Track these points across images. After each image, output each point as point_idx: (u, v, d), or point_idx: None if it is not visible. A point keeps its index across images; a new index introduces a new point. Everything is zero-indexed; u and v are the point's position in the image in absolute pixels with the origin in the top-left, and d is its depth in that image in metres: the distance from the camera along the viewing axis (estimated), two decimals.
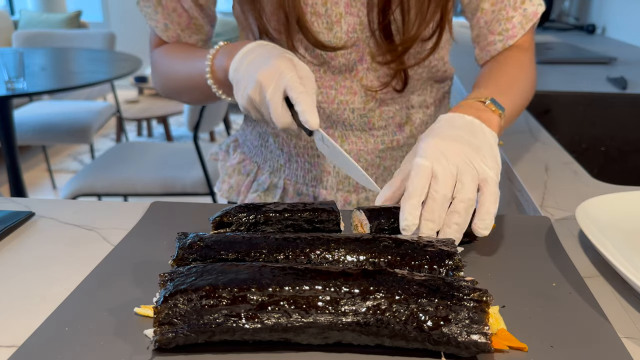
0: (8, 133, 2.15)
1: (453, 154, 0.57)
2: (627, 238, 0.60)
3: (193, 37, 0.80)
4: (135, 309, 0.47)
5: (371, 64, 0.77)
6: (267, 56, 0.62)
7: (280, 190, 0.85)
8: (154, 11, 0.77)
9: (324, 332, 0.41)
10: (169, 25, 0.78)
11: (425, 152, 0.57)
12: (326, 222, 0.58)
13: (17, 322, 0.47)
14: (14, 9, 5.83)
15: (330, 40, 0.73)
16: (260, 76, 0.60)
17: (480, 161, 0.58)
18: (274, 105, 0.60)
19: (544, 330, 0.46)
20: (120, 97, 3.79)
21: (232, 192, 0.90)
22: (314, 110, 0.59)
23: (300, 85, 0.60)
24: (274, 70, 0.60)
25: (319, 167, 0.83)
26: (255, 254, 0.50)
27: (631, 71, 1.62)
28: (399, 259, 0.49)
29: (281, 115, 0.60)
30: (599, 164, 1.32)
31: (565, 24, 2.70)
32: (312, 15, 0.72)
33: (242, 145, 0.92)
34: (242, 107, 0.64)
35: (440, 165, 0.56)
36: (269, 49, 0.64)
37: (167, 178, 2.14)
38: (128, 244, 0.60)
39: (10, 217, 0.65)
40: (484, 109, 0.66)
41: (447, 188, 0.55)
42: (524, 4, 0.78)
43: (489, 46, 0.81)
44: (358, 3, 0.72)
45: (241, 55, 0.64)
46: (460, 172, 0.56)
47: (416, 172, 0.56)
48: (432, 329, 0.41)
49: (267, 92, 0.60)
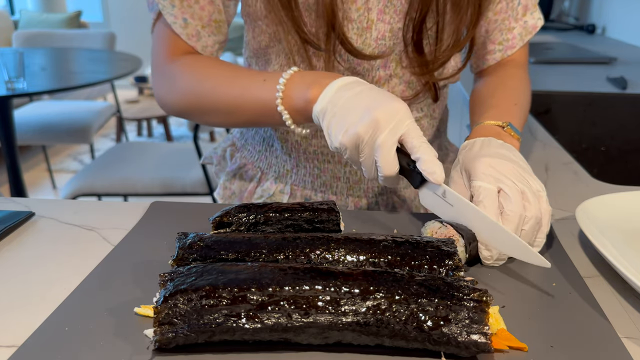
0: (8, 133, 2.15)
1: (510, 172, 0.57)
2: (627, 238, 0.60)
3: (212, 38, 0.73)
4: (135, 308, 0.47)
5: (398, 73, 0.76)
6: (380, 95, 0.58)
7: (287, 195, 0.84)
8: (170, 4, 0.69)
9: (324, 332, 0.41)
10: (189, 20, 0.70)
11: (485, 173, 0.57)
12: (326, 222, 0.58)
13: (17, 322, 0.47)
14: (14, 9, 5.83)
15: (360, 46, 0.72)
16: (378, 114, 0.55)
17: (533, 178, 0.59)
18: (387, 149, 0.56)
19: (544, 330, 0.46)
20: (120, 97, 3.79)
21: (234, 198, 0.88)
22: (438, 162, 0.55)
23: (421, 134, 0.57)
24: (394, 112, 0.56)
25: (328, 172, 0.81)
26: (255, 254, 0.50)
27: (631, 71, 1.62)
28: (399, 259, 0.49)
29: (392, 161, 0.56)
30: (599, 164, 1.32)
31: (565, 24, 2.70)
32: (344, 20, 0.70)
33: (242, 150, 0.90)
34: (339, 143, 0.58)
35: (506, 186, 0.56)
36: (375, 88, 0.60)
37: (167, 178, 2.14)
38: (128, 243, 0.60)
39: (10, 217, 0.65)
40: (505, 134, 0.67)
41: (520, 207, 0.55)
42: (525, 16, 0.79)
43: (488, 55, 0.82)
44: (391, 10, 0.71)
45: (337, 87, 0.59)
46: (524, 190, 0.57)
47: (485, 196, 0.56)
48: (432, 329, 0.41)
49: (382, 134, 0.55)
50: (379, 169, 0.57)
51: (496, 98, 0.76)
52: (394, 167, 0.57)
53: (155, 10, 0.72)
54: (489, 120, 0.69)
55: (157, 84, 0.74)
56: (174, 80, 0.72)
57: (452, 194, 0.56)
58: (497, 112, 0.72)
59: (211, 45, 0.74)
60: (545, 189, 0.59)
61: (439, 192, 0.57)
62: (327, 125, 0.59)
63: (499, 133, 0.67)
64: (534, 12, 0.80)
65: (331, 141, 0.59)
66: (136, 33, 5.62)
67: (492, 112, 0.72)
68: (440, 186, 0.57)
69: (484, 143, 0.63)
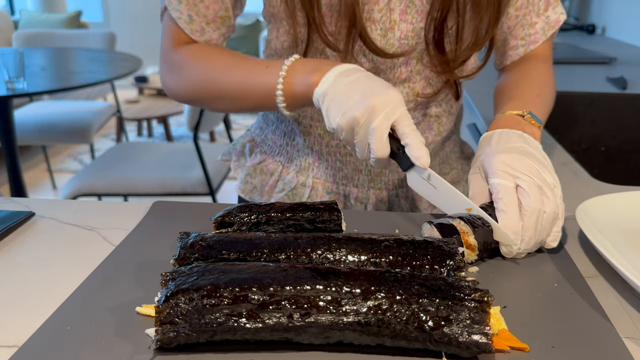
0: (8, 133, 2.15)
1: (526, 168, 0.59)
2: (627, 238, 0.60)
3: (216, 32, 0.75)
4: (137, 308, 0.47)
5: (419, 70, 0.78)
6: (377, 83, 0.61)
7: (309, 189, 0.85)
8: (177, 1, 0.72)
9: (325, 332, 0.41)
10: (194, 17, 0.73)
11: (501, 170, 0.59)
12: (328, 222, 0.58)
13: (17, 322, 0.47)
14: (14, 9, 5.83)
15: (383, 46, 0.73)
16: (374, 101, 0.59)
17: (549, 173, 0.60)
18: (379, 133, 0.59)
19: (545, 330, 0.46)
20: (120, 97, 3.79)
21: (256, 192, 0.89)
22: (425, 148, 0.59)
23: (412, 122, 0.60)
24: (389, 100, 0.59)
25: (350, 165, 0.83)
26: (257, 253, 0.50)
27: (631, 71, 1.62)
28: (400, 259, 0.49)
29: (384, 145, 0.60)
30: (599, 164, 1.32)
31: (565, 23, 2.70)
32: (367, 21, 0.72)
33: (262, 145, 0.91)
34: (337, 124, 0.62)
35: (524, 182, 0.58)
36: (372, 76, 0.63)
37: (167, 178, 2.14)
38: (130, 243, 0.60)
39: (10, 217, 0.65)
40: (525, 122, 0.68)
41: (539, 202, 0.56)
42: (547, 11, 0.80)
43: (511, 51, 0.83)
44: (413, 10, 0.72)
45: (338, 73, 0.63)
46: (540, 185, 0.58)
47: (504, 193, 0.57)
48: (433, 329, 0.41)
49: (376, 119, 0.59)
50: (371, 151, 0.61)
51: (519, 90, 0.77)
52: (385, 150, 0.60)
53: (165, 2, 0.75)
54: (510, 110, 0.71)
55: (165, 73, 0.77)
56: (180, 69, 0.75)
57: (436, 178, 0.61)
58: (519, 102, 0.73)
59: (216, 39, 0.76)
60: None
61: (424, 176, 0.61)
62: (326, 107, 0.63)
63: (518, 122, 0.68)
64: (556, 7, 0.81)
65: (329, 122, 0.63)
66: (136, 33, 5.62)
67: (514, 102, 0.73)
68: (426, 170, 0.61)
69: (502, 136, 0.65)
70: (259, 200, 0.89)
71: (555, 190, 0.59)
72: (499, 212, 0.57)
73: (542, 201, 0.57)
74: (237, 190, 0.92)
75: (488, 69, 0.96)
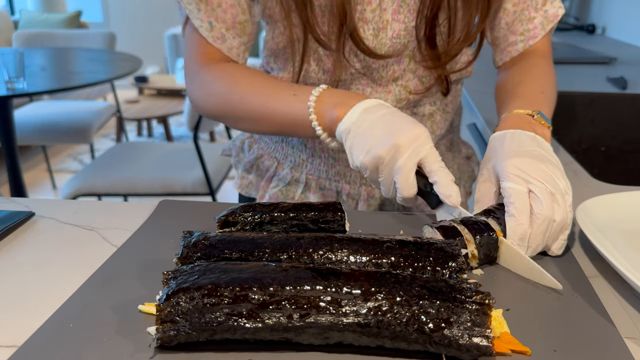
0: (8, 133, 2.15)
1: (539, 174, 0.57)
2: (627, 238, 0.60)
3: (237, 40, 0.75)
4: (140, 306, 0.47)
5: (412, 68, 0.77)
6: (402, 120, 0.61)
7: (303, 185, 0.86)
8: (196, 8, 0.72)
9: (325, 332, 0.41)
10: (214, 23, 0.73)
11: (514, 174, 0.58)
12: (331, 222, 0.58)
13: (17, 322, 0.47)
14: (14, 9, 5.83)
15: (375, 46, 0.73)
16: (400, 139, 0.58)
17: (562, 178, 0.59)
18: (406, 171, 0.58)
19: (547, 333, 0.45)
20: (120, 97, 3.79)
21: (252, 187, 0.90)
22: (455, 186, 0.58)
23: (439, 158, 0.59)
24: (414, 137, 0.59)
25: (342, 162, 0.83)
26: (259, 253, 0.50)
27: (631, 71, 1.62)
28: (402, 260, 0.49)
29: (411, 183, 0.59)
30: (599, 164, 1.32)
31: (565, 23, 2.70)
32: (360, 21, 0.72)
33: (259, 141, 0.92)
34: (360, 163, 0.61)
35: (537, 187, 0.56)
36: (398, 112, 0.62)
37: (167, 178, 2.14)
38: (136, 241, 0.60)
39: (10, 217, 0.65)
40: (535, 123, 0.68)
41: (551, 210, 0.55)
42: (545, 5, 0.80)
43: (510, 47, 0.82)
44: (405, 9, 0.72)
45: (362, 109, 0.62)
46: (553, 191, 0.57)
47: (516, 198, 0.56)
48: (434, 331, 0.41)
49: (402, 157, 0.58)
50: (398, 190, 0.60)
51: (522, 87, 0.76)
52: (412, 189, 0.59)
53: (185, 14, 0.75)
54: (519, 110, 0.70)
55: (192, 89, 0.78)
56: (207, 88, 0.75)
57: (467, 215, 0.58)
58: (525, 101, 0.72)
59: (237, 47, 0.76)
60: None
61: (455, 214, 0.60)
62: (350, 144, 0.62)
63: (529, 122, 0.67)
64: (554, 1, 0.81)
65: (352, 160, 0.62)
66: (136, 33, 5.62)
67: (520, 101, 0.72)
68: (457, 208, 0.59)
69: (515, 137, 0.63)
70: (255, 195, 0.90)
71: (566, 197, 0.57)
72: (509, 217, 0.56)
73: (553, 209, 0.55)
74: (235, 185, 0.93)
75: (488, 68, 0.96)
